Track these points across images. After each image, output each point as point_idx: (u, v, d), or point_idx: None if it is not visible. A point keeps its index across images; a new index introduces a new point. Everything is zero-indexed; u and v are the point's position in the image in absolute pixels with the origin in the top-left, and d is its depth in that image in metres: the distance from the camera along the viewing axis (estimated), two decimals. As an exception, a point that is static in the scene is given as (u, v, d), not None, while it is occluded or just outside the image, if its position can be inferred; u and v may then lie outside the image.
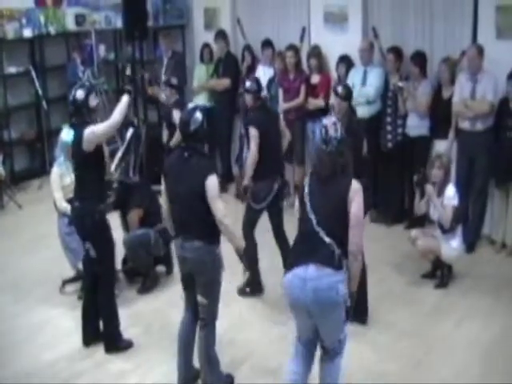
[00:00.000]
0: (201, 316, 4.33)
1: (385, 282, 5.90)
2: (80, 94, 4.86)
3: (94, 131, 4.75)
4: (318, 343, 3.97)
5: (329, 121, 3.92)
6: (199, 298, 4.29)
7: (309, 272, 3.69)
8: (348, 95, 5.34)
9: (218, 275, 4.30)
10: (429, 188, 5.68)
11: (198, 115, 4.21)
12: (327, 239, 3.67)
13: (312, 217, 3.73)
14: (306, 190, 3.83)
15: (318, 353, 4.01)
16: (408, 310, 5.43)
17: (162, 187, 4.35)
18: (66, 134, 5.91)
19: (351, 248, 3.68)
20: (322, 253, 3.68)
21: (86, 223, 4.86)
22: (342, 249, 3.69)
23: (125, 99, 5.00)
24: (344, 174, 3.77)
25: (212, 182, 4.10)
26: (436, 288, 5.73)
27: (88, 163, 4.84)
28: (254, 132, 5.45)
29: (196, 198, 4.10)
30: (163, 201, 4.42)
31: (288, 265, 3.94)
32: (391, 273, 6.06)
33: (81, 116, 4.89)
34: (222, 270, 4.32)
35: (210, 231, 4.18)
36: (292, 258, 3.93)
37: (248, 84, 5.69)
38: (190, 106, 5.21)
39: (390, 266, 6.16)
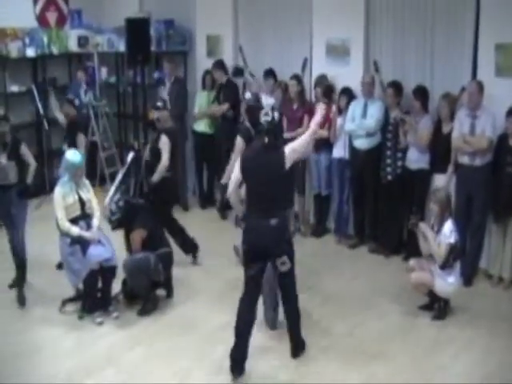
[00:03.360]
0: None
1: (383, 313, 5.95)
2: None
3: None
4: None
5: None
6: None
7: None
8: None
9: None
10: (421, 226, 5.79)
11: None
12: None
13: None
14: None
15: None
16: (406, 341, 5.45)
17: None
18: (72, 155, 5.96)
19: None
20: None
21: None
22: None
23: None
24: None
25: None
26: (433, 320, 5.77)
27: None
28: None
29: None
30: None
31: None
32: (389, 304, 6.10)
33: None
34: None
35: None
36: None
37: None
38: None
39: (388, 297, 6.20)
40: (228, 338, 4.99)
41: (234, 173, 4.98)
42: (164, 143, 6.71)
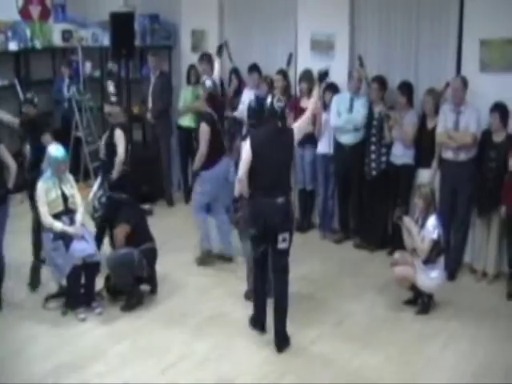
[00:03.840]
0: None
1: (368, 307, 5.97)
2: None
3: None
4: None
5: None
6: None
7: None
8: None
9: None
10: (406, 220, 5.81)
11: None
12: None
13: None
14: None
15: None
16: (392, 335, 5.48)
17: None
18: (55, 150, 5.90)
19: None
20: None
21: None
22: None
23: None
24: None
25: None
26: (417, 314, 5.79)
27: None
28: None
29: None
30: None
31: None
32: (375, 298, 6.12)
33: None
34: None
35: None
36: None
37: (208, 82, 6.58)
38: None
39: (374, 291, 6.23)
40: (212, 332, 4.97)
41: (243, 158, 5.23)
42: (118, 137, 6.46)
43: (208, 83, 6.74)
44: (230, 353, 5.20)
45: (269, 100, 5.22)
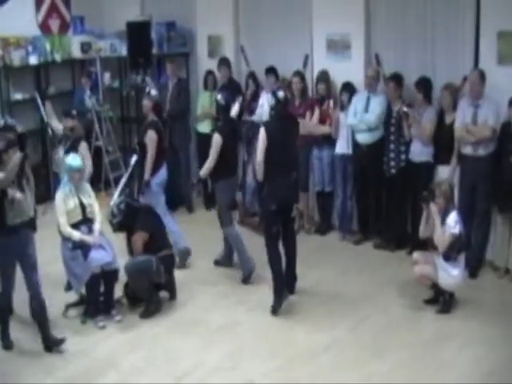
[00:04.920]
0: None
1: (387, 307, 5.89)
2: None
3: None
4: None
5: None
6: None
7: None
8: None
9: None
10: (432, 207, 5.68)
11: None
12: None
13: None
14: None
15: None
16: (411, 335, 5.40)
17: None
18: (71, 159, 5.97)
19: None
20: None
21: None
22: None
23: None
24: None
25: None
26: (438, 314, 5.69)
27: None
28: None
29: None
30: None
31: None
32: (394, 298, 6.04)
33: None
34: None
35: None
36: None
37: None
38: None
39: (393, 292, 6.15)
40: (226, 341, 5.00)
41: (260, 144, 5.90)
42: (84, 149, 6.70)
43: (153, 92, 7.07)
44: (244, 361, 5.17)
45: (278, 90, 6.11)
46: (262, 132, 5.90)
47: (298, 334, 5.52)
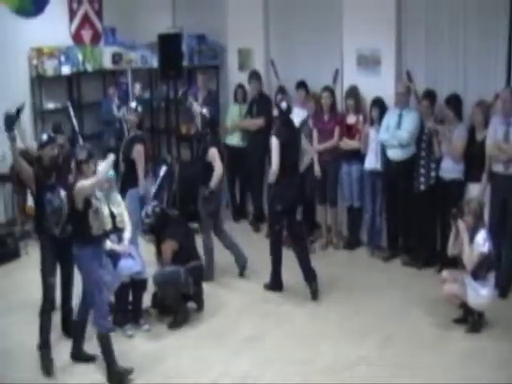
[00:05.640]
0: None
1: (416, 325, 5.86)
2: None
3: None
4: None
5: None
6: None
7: None
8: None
9: None
10: (460, 224, 5.65)
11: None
12: None
13: None
14: None
15: None
16: (439, 354, 5.35)
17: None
18: (103, 167, 6.01)
19: None
20: None
21: None
22: None
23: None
24: None
25: None
26: (467, 333, 5.64)
27: None
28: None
29: None
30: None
31: None
32: (423, 316, 6.00)
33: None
34: None
35: None
36: None
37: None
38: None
39: (421, 309, 6.10)
40: (251, 352, 5.01)
41: (274, 151, 6.32)
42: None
43: (133, 105, 7.13)
44: (269, 373, 5.18)
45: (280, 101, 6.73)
46: (275, 141, 6.31)
47: (324, 348, 5.52)
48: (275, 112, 6.63)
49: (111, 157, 5.17)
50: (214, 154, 6.86)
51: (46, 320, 5.36)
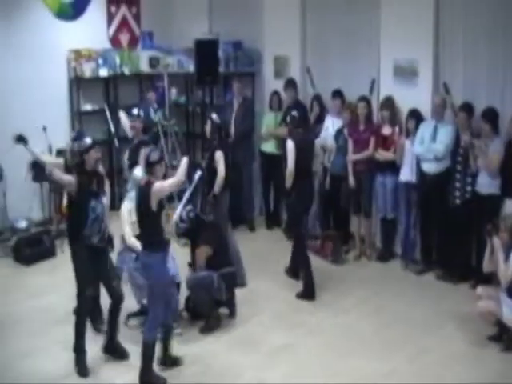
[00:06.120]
0: None
1: (449, 340, 5.81)
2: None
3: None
4: None
5: None
6: None
7: None
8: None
9: None
10: (495, 241, 5.60)
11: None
12: None
13: None
14: None
15: None
16: (473, 372, 5.27)
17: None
18: (139, 171, 6.09)
19: None
20: None
21: None
22: None
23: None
24: None
25: None
26: (501, 352, 5.57)
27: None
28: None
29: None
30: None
31: None
32: (456, 332, 5.95)
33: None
34: None
35: None
36: None
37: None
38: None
39: (454, 325, 6.05)
40: (283, 360, 4.99)
41: (290, 154, 6.54)
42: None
43: (135, 112, 7.22)
44: (300, 382, 5.18)
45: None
46: (291, 144, 6.56)
47: (355, 360, 5.49)
48: (288, 118, 7.00)
49: (186, 159, 5.24)
50: (219, 157, 6.90)
51: (82, 326, 5.36)
